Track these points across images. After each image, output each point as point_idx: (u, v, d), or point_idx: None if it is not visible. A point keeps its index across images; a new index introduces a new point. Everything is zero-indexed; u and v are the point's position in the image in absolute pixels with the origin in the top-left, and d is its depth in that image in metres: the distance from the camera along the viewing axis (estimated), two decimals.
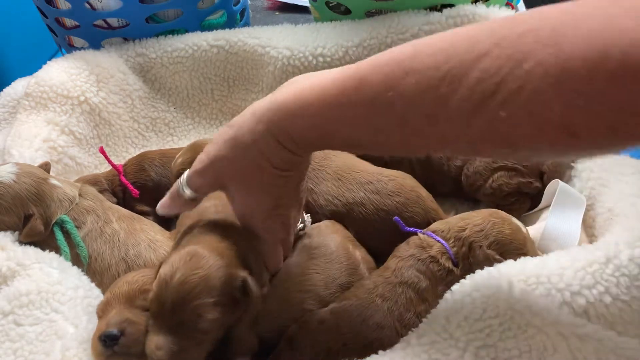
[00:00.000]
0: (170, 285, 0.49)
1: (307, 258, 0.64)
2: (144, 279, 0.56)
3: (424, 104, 0.41)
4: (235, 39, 0.97)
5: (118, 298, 0.55)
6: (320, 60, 0.93)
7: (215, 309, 0.49)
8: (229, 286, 0.50)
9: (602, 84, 0.34)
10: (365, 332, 0.57)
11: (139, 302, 0.54)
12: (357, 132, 0.46)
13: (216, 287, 0.49)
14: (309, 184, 0.72)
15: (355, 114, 0.45)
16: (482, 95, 0.38)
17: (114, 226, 0.69)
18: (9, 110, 0.92)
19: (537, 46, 0.36)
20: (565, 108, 0.35)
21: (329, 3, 1.02)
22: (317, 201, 0.72)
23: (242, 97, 1.01)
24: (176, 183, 0.57)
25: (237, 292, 0.51)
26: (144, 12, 0.96)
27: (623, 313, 0.51)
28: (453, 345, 0.50)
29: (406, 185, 0.72)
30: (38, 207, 0.66)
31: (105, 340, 0.51)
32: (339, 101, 0.45)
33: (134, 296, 0.55)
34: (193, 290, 0.48)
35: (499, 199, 0.74)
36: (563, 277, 0.52)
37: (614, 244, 0.54)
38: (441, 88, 0.40)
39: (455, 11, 0.90)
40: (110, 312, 0.54)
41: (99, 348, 0.51)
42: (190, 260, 0.50)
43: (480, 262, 0.59)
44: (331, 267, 0.63)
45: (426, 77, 0.40)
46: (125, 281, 0.57)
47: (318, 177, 0.73)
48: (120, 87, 0.94)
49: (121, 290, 0.55)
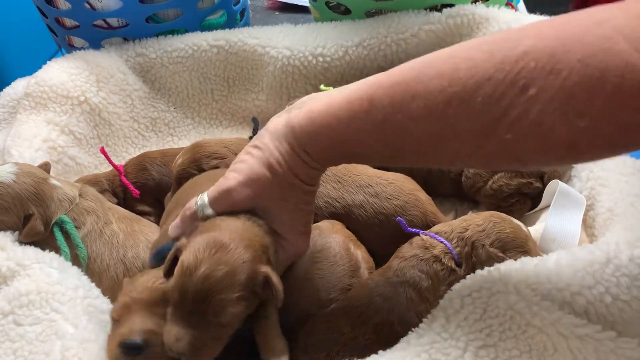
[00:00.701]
0: (194, 277, 0.48)
1: (311, 262, 0.63)
2: (165, 286, 0.53)
3: (434, 126, 0.43)
4: (235, 39, 0.97)
5: (138, 304, 0.53)
6: (320, 60, 0.93)
7: (238, 303, 0.49)
8: (252, 281, 0.50)
9: (601, 105, 0.36)
10: (366, 331, 0.57)
11: (160, 311, 0.52)
12: (371, 150, 0.48)
13: (240, 282, 0.49)
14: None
15: (368, 134, 0.47)
16: (489, 119, 0.40)
17: (114, 227, 0.69)
18: (9, 110, 0.92)
19: (538, 73, 0.38)
20: (569, 129, 0.38)
21: (329, 3, 1.02)
22: (316, 203, 0.72)
23: (242, 97, 1.01)
24: (190, 205, 0.55)
25: (258, 287, 0.51)
26: (144, 12, 0.96)
27: (623, 313, 0.51)
28: (453, 345, 0.50)
29: (405, 189, 0.72)
30: (38, 207, 0.66)
31: (128, 349, 0.49)
32: (351, 123, 0.47)
33: (155, 304, 0.52)
34: (217, 285, 0.48)
35: (500, 200, 0.74)
36: (563, 277, 0.52)
37: (614, 244, 0.54)
38: (448, 111, 0.41)
39: (455, 11, 0.90)
40: (130, 317, 0.52)
41: (118, 355, 0.50)
42: (216, 253, 0.49)
43: (484, 261, 0.59)
44: (334, 270, 0.63)
45: (432, 102, 0.42)
46: (146, 286, 0.54)
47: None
48: (120, 87, 0.94)
49: (142, 295, 0.53)
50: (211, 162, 0.75)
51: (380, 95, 0.45)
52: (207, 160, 0.76)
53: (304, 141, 0.50)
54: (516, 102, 0.38)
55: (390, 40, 0.91)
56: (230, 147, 0.78)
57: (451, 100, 0.41)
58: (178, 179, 0.75)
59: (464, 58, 0.42)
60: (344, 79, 0.94)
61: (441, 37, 0.91)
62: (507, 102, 0.39)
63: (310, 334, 0.57)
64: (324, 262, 0.64)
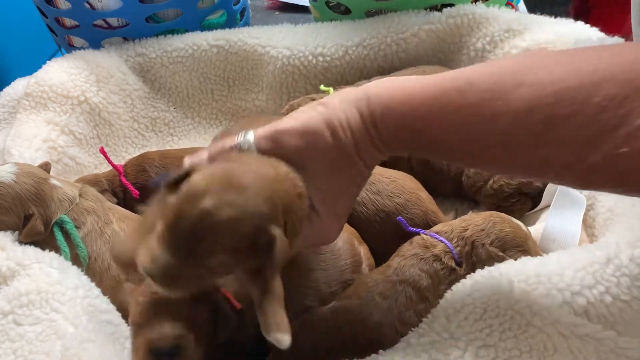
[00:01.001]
0: (195, 207, 0.40)
1: (315, 254, 0.63)
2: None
3: (533, 123, 0.38)
4: (235, 39, 0.97)
5: (163, 305, 0.50)
6: (320, 60, 0.93)
7: (231, 254, 0.42)
8: (256, 239, 0.42)
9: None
10: (365, 330, 0.57)
11: (186, 312, 0.50)
12: (450, 138, 0.42)
13: (242, 235, 0.41)
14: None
15: (454, 118, 0.41)
16: (602, 126, 0.35)
17: (114, 227, 0.69)
18: (9, 110, 0.92)
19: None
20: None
21: (329, 3, 1.02)
22: None
23: (242, 97, 1.01)
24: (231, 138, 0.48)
25: (260, 248, 0.43)
26: (144, 12, 0.96)
27: (623, 313, 0.51)
28: (453, 345, 0.50)
29: (407, 187, 0.72)
30: (38, 207, 0.66)
31: (159, 356, 0.48)
32: (439, 102, 0.42)
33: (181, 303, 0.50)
34: (216, 227, 0.40)
35: (500, 200, 0.74)
36: (563, 277, 0.52)
37: (614, 244, 0.54)
38: (556, 109, 0.36)
39: (455, 11, 0.90)
40: (157, 321, 0.50)
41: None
42: (230, 190, 0.41)
43: (484, 261, 0.60)
44: (337, 264, 0.63)
45: (540, 94, 0.37)
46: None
47: None
48: (120, 87, 0.94)
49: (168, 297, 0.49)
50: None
51: (481, 77, 0.40)
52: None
53: (376, 113, 0.44)
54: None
55: (390, 40, 0.91)
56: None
57: (562, 95, 0.36)
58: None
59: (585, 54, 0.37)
60: (344, 79, 0.94)
61: (441, 37, 0.91)
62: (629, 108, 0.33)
63: (310, 332, 0.57)
64: (327, 254, 0.64)
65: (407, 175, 0.75)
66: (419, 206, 0.71)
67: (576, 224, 0.65)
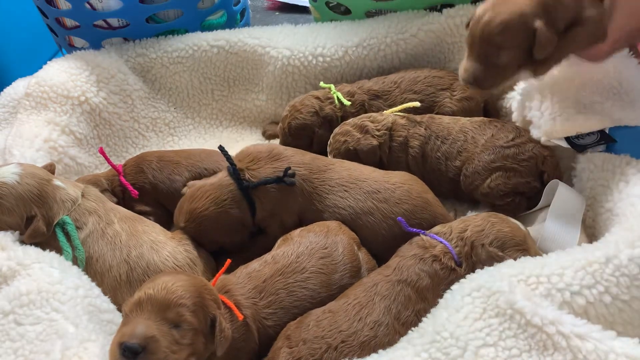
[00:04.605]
0: (480, 22, 0.67)
1: (317, 257, 0.64)
2: (183, 290, 0.53)
3: None
4: (236, 39, 0.97)
5: (152, 303, 0.52)
6: (320, 60, 0.93)
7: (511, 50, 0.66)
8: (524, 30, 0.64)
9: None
10: (363, 329, 0.57)
11: (171, 315, 0.52)
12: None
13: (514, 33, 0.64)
14: (314, 205, 0.72)
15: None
16: None
17: (116, 227, 0.69)
18: (9, 110, 0.92)
19: None
20: None
21: (329, 3, 1.02)
22: (321, 216, 0.72)
23: (242, 97, 1.01)
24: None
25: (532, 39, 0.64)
26: (144, 12, 0.96)
27: (623, 313, 0.51)
28: (453, 344, 0.50)
29: (413, 192, 0.72)
30: (40, 209, 0.66)
31: (125, 351, 0.50)
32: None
33: (168, 306, 0.52)
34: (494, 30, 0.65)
35: (496, 199, 0.74)
36: (563, 277, 0.53)
37: (614, 244, 0.54)
38: None
39: (455, 11, 0.91)
40: (137, 317, 0.52)
41: (116, 354, 0.50)
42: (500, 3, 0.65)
43: (484, 260, 0.60)
44: (338, 269, 0.64)
45: None
46: (165, 287, 0.53)
47: (321, 195, 0.72)
48: (121, 88, 0.94)
49: (158, 295, 0.53)
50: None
51: None
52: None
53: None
54: None
55: (390, 40, 0.92)
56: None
57: None
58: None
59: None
60: (344, 79, 0.95)
61: (441, 37, 0.92)
62: None
63: (308, 331, 0.57)
64: (328, 258, 0.65)
65: (412, 177, 0.75)
66: (427, 210, 0.71)
67: (576, 224, 0.65)
